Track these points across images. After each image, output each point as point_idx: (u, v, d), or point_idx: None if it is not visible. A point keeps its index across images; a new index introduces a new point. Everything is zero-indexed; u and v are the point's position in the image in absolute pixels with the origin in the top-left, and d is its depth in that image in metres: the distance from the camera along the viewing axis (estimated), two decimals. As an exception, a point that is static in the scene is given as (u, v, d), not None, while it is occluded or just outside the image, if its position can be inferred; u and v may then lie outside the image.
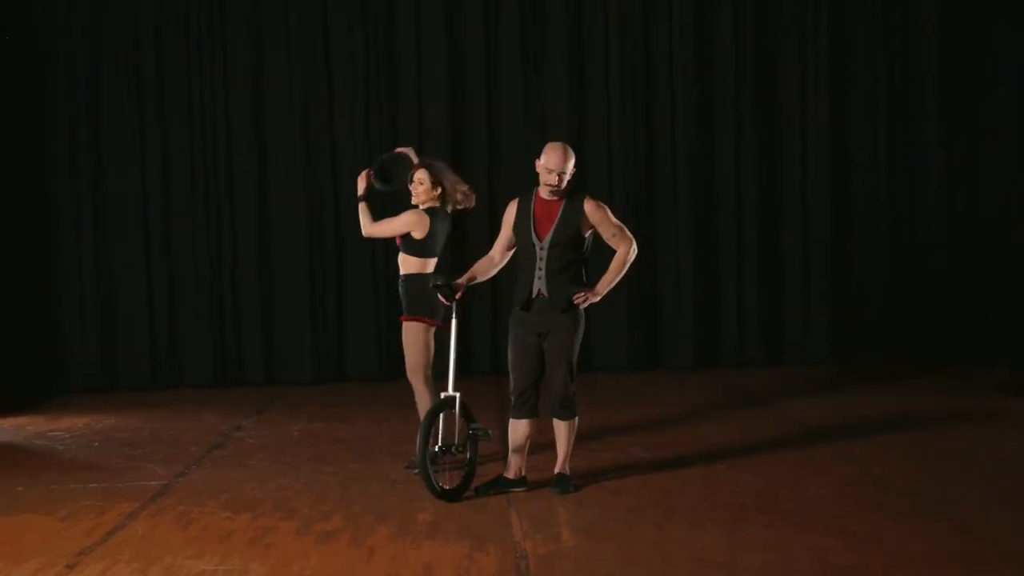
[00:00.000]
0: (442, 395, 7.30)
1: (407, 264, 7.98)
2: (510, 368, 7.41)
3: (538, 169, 7.27)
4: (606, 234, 7.32)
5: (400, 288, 8.05)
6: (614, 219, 7.36)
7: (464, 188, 8.07)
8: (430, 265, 7.96)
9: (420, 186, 7.97)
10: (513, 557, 6.11)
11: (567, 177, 7.21)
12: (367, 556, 6.20)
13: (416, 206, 8.00)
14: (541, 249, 7.23)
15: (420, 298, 7.84)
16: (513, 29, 12.43)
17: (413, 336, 7.91)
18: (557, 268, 7.23)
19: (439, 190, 7.98)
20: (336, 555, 6.23)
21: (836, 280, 12.61)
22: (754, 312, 12.53)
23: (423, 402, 7.86)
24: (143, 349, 12.29)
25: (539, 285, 7.24)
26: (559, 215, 7.23)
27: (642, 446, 8.71)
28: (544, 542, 6.35)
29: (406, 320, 7.96)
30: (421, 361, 7.90)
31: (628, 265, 7.37)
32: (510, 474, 7.44)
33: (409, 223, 7.95)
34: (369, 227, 8.12)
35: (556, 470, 7.44)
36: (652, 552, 6.14)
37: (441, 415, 7.29)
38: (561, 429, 7.40)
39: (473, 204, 8.19)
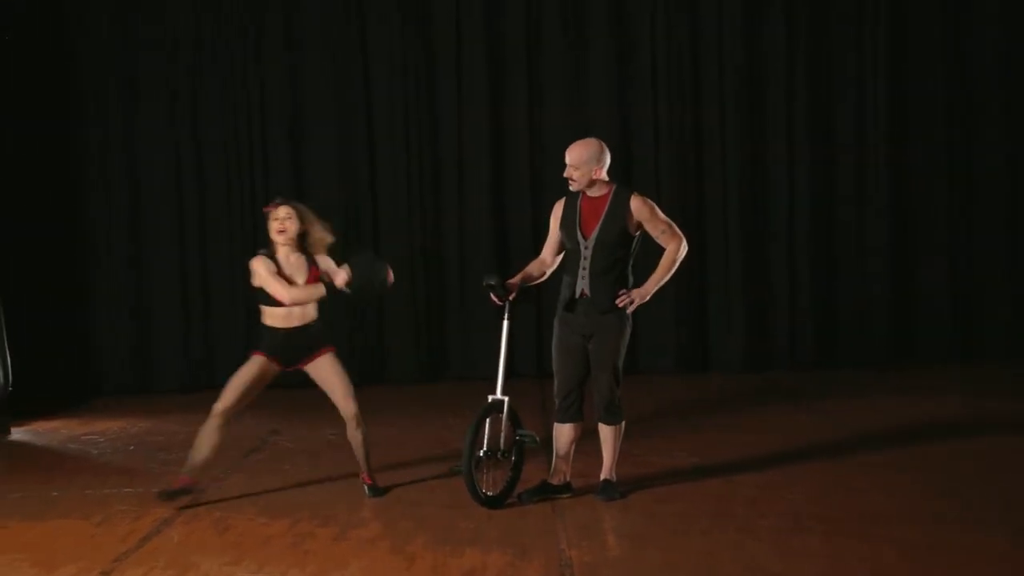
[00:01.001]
0: (490, 398, 7.10)
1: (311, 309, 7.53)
2: (554, 371, 7.24)
3: None
4: (654, 232, 7.12)
5: (310, 329, 7.53)
6: (663, 216, 7.18)
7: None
8: None
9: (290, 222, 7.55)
10: (558, 565, 5.97)
11: (587, 171, 7.03)
12: (407, 564, 6.06)
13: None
14: (586, 248, 7.06)
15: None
16: (556, 28, 12.27)
17: (335, 363, 7.56)
18: (601, 268, 7.04)
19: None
20: (375, 562, 6.11)
21: (894, 282, 12.37)
22: (807, 314, 12.32)
23: None
24: (177, 352, 12.25)
25: (582, 285, 7.06)
26: (604, 212, 7.06)
27: (690, 451, 8.53)
28: (589, 550, 6.20)
29: (329, 351, 7.57)
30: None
31: (678, 264, 7.19)
32: (555, 480, 7.27)
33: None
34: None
35: (602, 476, 7.26)
36: (700, 561, 5.97)
37: (488, 419, 7.09)
38: (607, 434, 7.22)
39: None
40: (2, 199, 10.72)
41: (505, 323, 7.20)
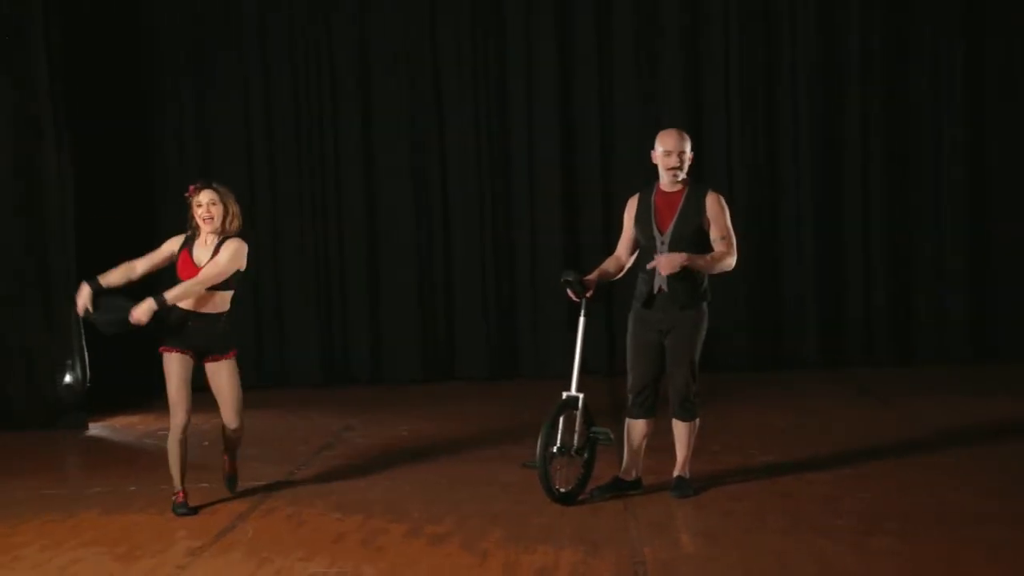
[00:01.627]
0: (564, 395, 7.04)
1: (224, 301, 7.30)
2: (628, 366, 7.19)
3: (655, 159, 7.05)
4: (715, 233, 7.01)
5: (215, 326, 7.26)
6: (729, 223, 7.07)
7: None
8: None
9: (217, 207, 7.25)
10: (630, 563, 5.92)
11: (687, 158, 7.00)
12: (480, 560, 6.05)
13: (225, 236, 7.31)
14: (662, 244, 6.99)
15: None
16: (627, 28, 12.22)
17: (233, 373, 7.34)
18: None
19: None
20: (448, 558, 6.10)
21: (973, 276, 12.17)
22: (883, 310, 12.15)
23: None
24: (251, 348, 12.32)
25: (660, 281, 6.99)
26: (680, 206, 7.00)
27: (765, 449, 8.45)
28: (663, 548, 6.15)
29: (229, 358, 7.34)
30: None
31: (721, 268, 7.05)
32: (626, 476, 7.23)
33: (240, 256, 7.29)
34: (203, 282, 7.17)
35: (675, 473, 7.21)
36: (775, 560, 5.90)
37: (563, 416, 7.03)
38: (681, 431, 7.17)
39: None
40: (83, 195, 10.84)
41: (581, 320, 7.11)
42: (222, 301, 7.24)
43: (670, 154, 6.97)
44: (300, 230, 12.33)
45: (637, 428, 7.18)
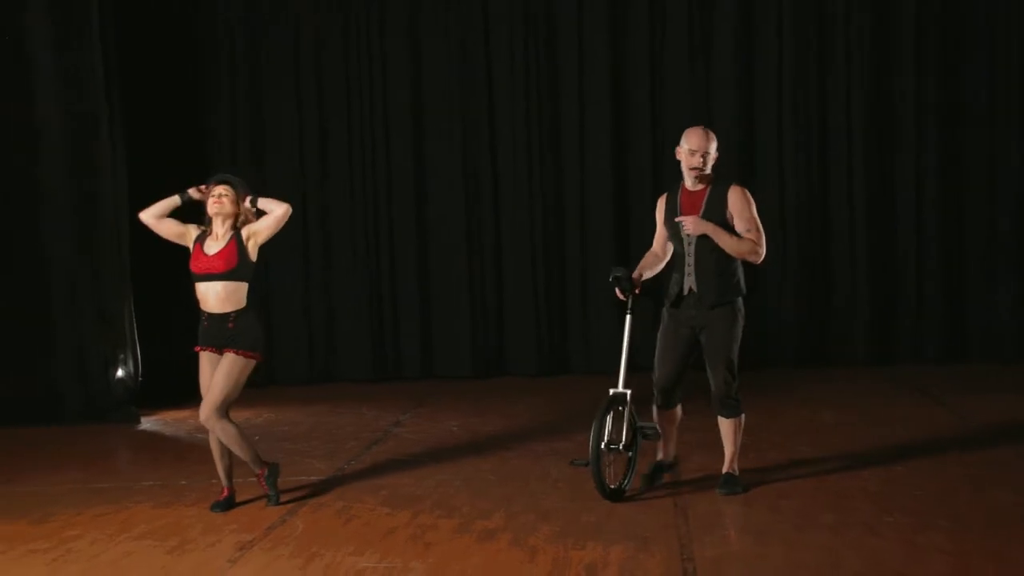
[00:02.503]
0: (611, 392, 7.02)
1: (238, 297, 7.17)
2: (656, 362, 7.18)
3: (679, 156, 7.00)
4: (740, 226, 6.93)
5: (224, 325, 7.10)
6: (755, 215, 6.99)
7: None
8: None
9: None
10: (679, 560, 5.91)
11: (711, 158, 6.93)
12: (529, 556, 6.06)
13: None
14: (689, 244, 6.97)
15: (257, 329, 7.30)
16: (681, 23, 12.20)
17: (234, 367, 7.11)
18: (707, 262, 6.93)
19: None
20: (497, 554, 6.11)
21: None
22: (934, 306, 12.07)
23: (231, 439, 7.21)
24: (302, 343, 12.41)
25: (689, 282, 6.98)
26: (704, 205, 6.96)
27: (813, 446, 8.39)
28: (711, 544, 6.13)
29: (239, 354, 7.12)
30: (233, 397, 7.17)
31: (746, 255, 6.93)
32: (666, 459, 7.34)
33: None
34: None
35: (724, 470, 7.19)
36: (824, 558, 5.87)
37: (612, 413, 7.02)
38: (727, 428, 7.15)
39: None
40: (137, 191, 10.95)
41: (628, 317, 7.10)
42: (230, 296, 7.12)
43: (694, 153, 6.92)
44: (351, 226, 12.39)
45: (666, 417, 7.23)
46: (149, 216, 7.27)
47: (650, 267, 7.27)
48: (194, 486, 7.87)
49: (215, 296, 7.09)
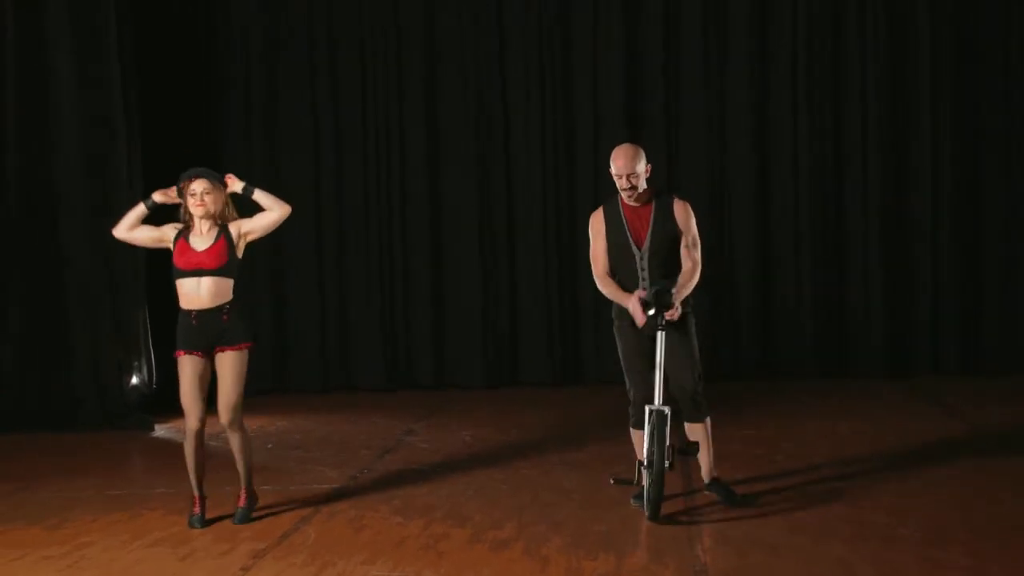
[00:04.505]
0: (649, 409, 6.77)
1: (226, 290, 7.10)
2: (628, 374, 7.03)
3: (612, 177, 6.93)
4: (685, 240, 6.90)
5: (219, 318, 7.04)
6: (695, 230, 6.97)
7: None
8: None
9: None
10: (692, 571, 5.89)
11: (641, 177, 6.84)
12: (541, 566, 6.04)
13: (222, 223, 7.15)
14: (642, 259, 6.90)
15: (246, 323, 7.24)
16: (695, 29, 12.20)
17: (240, 363, 7.10)
18: (661, 276, 6.87)
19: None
20: (510, 564, 6.09)
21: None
22: (951, 319, 12.02)
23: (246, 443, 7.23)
24: (315, 352, 12.41)
25: (646, 296, 6.84)
26: (652, 219, 6.90)
27: (829, 457, 8.35)
28: (725, 556, 6.11)
29: (241, 348, 7.12)
30: (243, 394, 7.12)
31: (695, 284, 6.91)
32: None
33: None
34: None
35: (706, 480, 7.13)
36: (840, 570, 5.84)
37: (663, 431, 6.74)
38: (698, 432, 7.07)
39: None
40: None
41: (660, 333, 6.83)
42: (224, 291, 7.06)
43: (621, 176, 6.84)
44: (366, 235, 12.39)
45: (639, 437, 7.05)
46: (122, 231, 7.13)
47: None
48: (207, 493, 7.83)
49: (206, 291, 7.02)
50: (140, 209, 7.14)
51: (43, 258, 10.78)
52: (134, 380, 10.91)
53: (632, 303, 6.85)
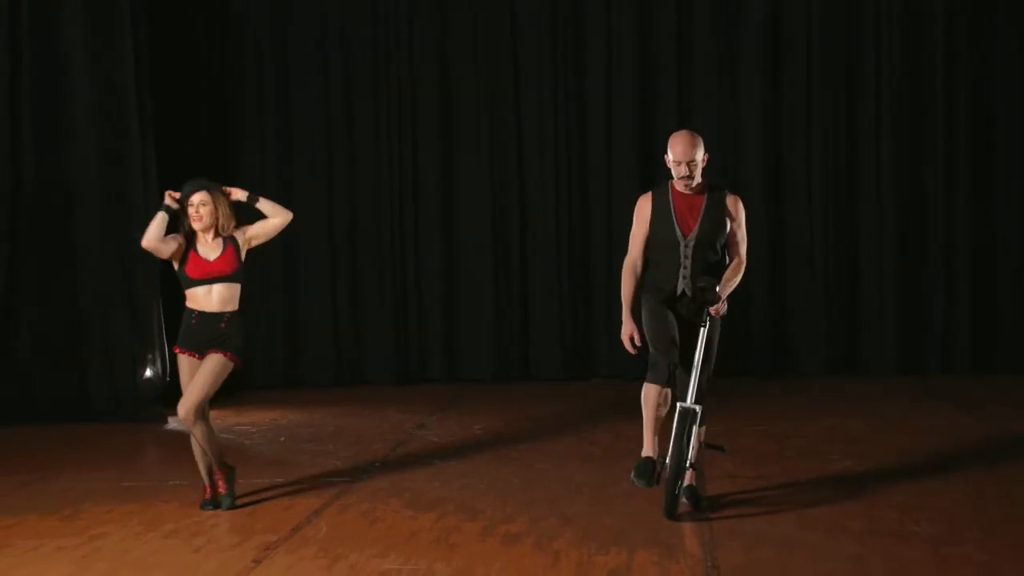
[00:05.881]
0: (680, 406, 6.72)
1: (232, 298, 7.21)
2: (655, 338, 6.83)
3: (668, 164, 6.85)
4: (736, 235, 6.88)
5: (216, 325, 7.11)
6: (744, 227, 6.93)
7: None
8: None
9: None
10: (704, 566, 5.88)
11: (699, 167, 6.77)
12: (552, 560, 6.04)
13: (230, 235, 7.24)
14: (686, 247, 6.83)
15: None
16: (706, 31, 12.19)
17: (219, 367, 7.13)
18: (702, 267, 6.83)
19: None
20: (521, 558, 6.09)
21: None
22: (963, 317, 12.00)
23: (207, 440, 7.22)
24: (327, 346, 12.44)
25: (683, 285, 6.84)
26: (702, 211, 6.84)
27: (842, 454, 8.34)
28: (736, 552, 6.09)
29: (222, 354, 7.12)
30: (210, 396, 7.15)
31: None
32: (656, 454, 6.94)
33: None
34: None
35: (690, 482, 6.93)
36: (852, 567, 5.82)
37: (690, 431, 6.71)
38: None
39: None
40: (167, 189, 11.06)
41: (703, 329, 6.78)
42: (231, 296, 7.16)
43: (680, 163, 6.77)
44: (377, 229, 12.41)
45: (664, 397, 6.90)
46: (152, 242, 7.14)
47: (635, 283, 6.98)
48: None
49: (217, 297, 7.12)
50: (161, 217, 7.17)
51: (58, 251, 10.82)
52: (148, 373, 10.95)
53: (625, 330, 6.84)
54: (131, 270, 10.84)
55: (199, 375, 7.10)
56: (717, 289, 6.73)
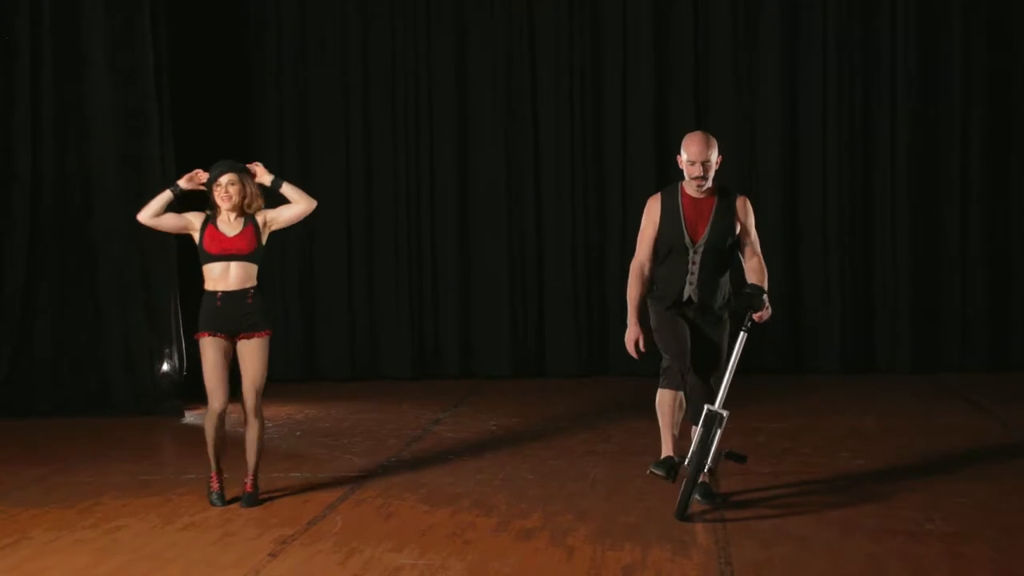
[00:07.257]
0: (707, 409, 6.64)
1: (250, 275, 7.21)
2: (668, 346, 6.82)
3: (680, 164, 6.79)
4: (746, 239, 6.85)
5: (243, 302, 7.14)
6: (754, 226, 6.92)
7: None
8: None
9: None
10: (718, 563, 5.88)
11: (712, 168, 6.70)
12: (566, 556, 6.05)
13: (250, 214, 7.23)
14: (695, 252, 6.78)
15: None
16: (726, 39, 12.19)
17: (263, 349, 7.21)
18: (711, 273, 6.80)
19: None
20: (535, 554, 6.11)
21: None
22: (978, 315, 11.97)
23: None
24: (344, 340, 12.47)
25: (690, 290, 6.82)
26: (712, 215, 6.78)
27: (856, 452, 8.33)
28: (750, 549, 6.10)
29: (261, 336, 7.21)
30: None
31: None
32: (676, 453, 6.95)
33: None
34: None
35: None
36: (867, 565, 5.82)
37: (715, 433, 6.66)
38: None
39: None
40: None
41: (743, 334, 6.75)
42: (248, 275, 7.17)
43: (694, 163, 6.68)
44: (395, 224, 12.44)
45: (678, 402, 6.92)
46: (147, 216, 7.20)
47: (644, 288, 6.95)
48: (237, 479, 7.87)
49: (234, 275, 7.13)
50: (166, 195, 7.23)
51: (77, 246, 10.89)
52: (165, 367, 10.99)
53: (630, 334, 6.88)
54: (149, 265, 10.90)
55: (250, 364, 7.15)
56: (764, 296, 6.69)
